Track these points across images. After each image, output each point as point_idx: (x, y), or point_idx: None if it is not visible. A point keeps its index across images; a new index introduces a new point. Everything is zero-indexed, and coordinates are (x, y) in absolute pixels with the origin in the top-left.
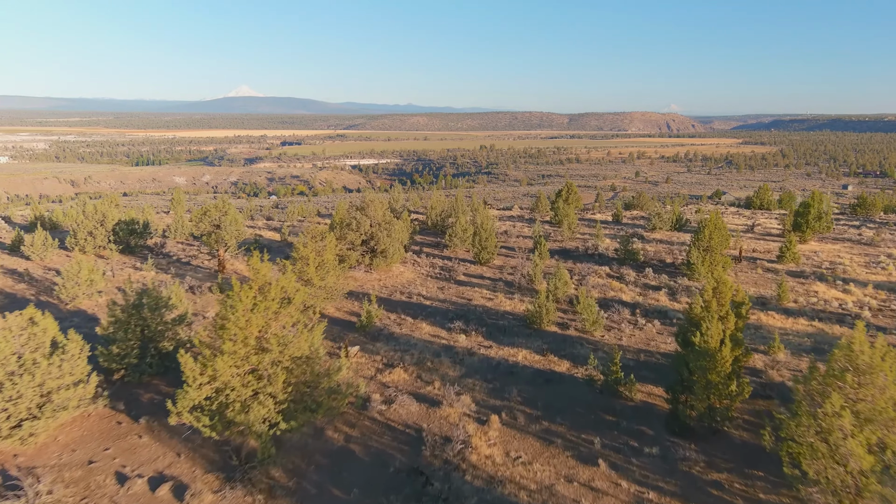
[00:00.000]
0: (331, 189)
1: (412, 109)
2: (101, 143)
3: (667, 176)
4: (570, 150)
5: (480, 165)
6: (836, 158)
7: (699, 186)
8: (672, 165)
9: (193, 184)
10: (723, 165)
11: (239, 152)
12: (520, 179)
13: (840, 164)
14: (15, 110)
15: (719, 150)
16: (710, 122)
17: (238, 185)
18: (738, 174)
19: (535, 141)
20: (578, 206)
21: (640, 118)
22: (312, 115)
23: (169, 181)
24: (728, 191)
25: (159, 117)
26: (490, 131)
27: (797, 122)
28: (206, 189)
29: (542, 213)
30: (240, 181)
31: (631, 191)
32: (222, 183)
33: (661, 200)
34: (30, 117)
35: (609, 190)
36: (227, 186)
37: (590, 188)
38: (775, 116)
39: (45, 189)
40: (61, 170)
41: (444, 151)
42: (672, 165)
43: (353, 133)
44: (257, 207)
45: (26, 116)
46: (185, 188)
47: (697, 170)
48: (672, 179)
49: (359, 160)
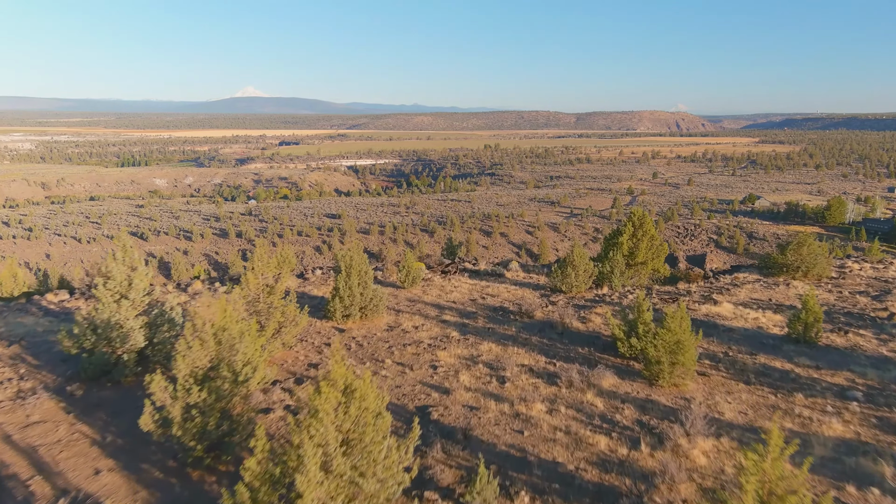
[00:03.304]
0: (318, 192)
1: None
2: (91, 144)
3: (688, 177)
4: (580, 150)
5: (484, 166)
6: (868, 158)
7: (726, 189)
8: (691, 166)
9: (175, 186)
10: (746, 166)
11: (232, 152)
12: (526, 181)
13: (875, 163)
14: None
15: (737, 149)
16: (719, 122)
17: (222, 187)
18: (767, 175)
19: (542, 140)
20: (659, 257)
21: (649, 117)
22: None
23: (148, 184)
24: (761, 194)
25: (161, 117)
26: (495, 131)
27: (811, 121)
28: (188, 192)
29: (559, 278)
30: (224, 183)
31: (650, 194)
32: (205, 185)
33: (717, 211)
34: (32, 118)
35: (626, 193)
36: (211, 189)
37: (604, 191)
38: (786, 115)
39: (11, 192)
40: (35, 171)
41: (446, 151)
42: (691, 166)
43: (355, 133)
44: (227, 214)
45: (29, 117)
46: (166, 191)
47: (720, 170)
48: (694, 181)
49: (355, 160)
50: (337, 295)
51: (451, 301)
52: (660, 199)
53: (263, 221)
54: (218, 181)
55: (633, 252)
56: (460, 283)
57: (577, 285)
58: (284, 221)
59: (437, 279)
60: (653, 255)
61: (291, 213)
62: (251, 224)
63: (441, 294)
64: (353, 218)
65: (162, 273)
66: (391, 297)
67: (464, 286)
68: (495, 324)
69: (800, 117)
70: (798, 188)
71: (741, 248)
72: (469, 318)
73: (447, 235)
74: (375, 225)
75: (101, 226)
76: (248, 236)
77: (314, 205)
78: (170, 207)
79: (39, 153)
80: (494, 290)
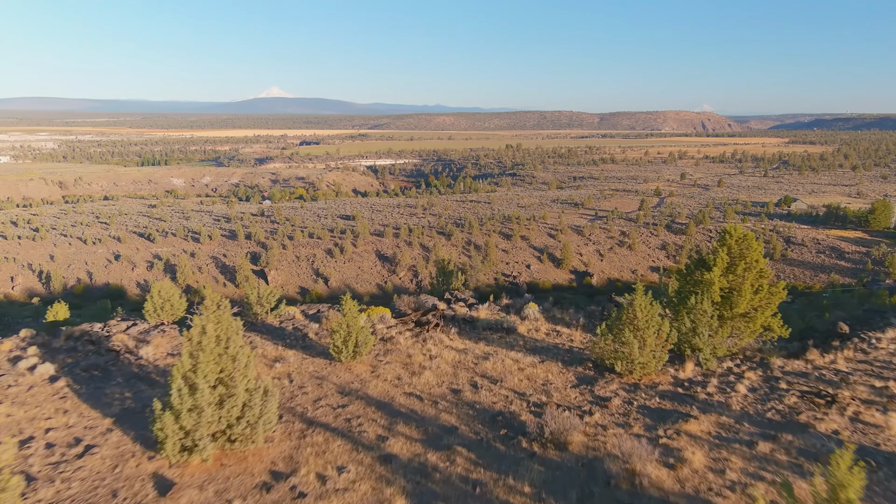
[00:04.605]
0: (334, 193)
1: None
2: (113, 143)
3: (718, 178)
4: (604, 150)
5: (505, 166)
6: None
7: (759, 191)
8: (720, 166)
9: (192, 185)
10: (778, 166)
11: (252, 152)
12: (548, 182)
13: None
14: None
15: (767, 149)
16: (746, 122)
17: (239, 187)
18: (801, 176)
19: (565, 140)
20: (771, 304)
21: (674, 117)
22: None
23: (165, 183)
24: (797, 197)
25: (185, 118)
26: (517, 131)
27: (841, 122)
28: (205, 191)
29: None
30: (241, 183)
31: (679, 195)
32: (222, 185)
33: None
34: (61, 118)
35: (654, 195)
36: (227, 189)
37: (630, 192)
38: (814, 116)
39: (29, 191)
40: (54, 170)
41: (467, 151)
42: (720, 166)
43: (376, 133)
44: (238, 215)
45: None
46: (183, 190)
47: (750, 171)
48: (725, 182)
49: (375, 160)
50: (168, 409)
51: (416, 393)
52: (689, 201)
53: (275, 223)
54: (235, 181)
55: (729, 297)
56: (441, 350)
57: (644, 362)
58: (296, 223)
59: (404, 340)
60: (763, 302)
61: (304, 213)
62: (262, 225)
63: (403, 375)
64: (367, 219)
65: (168, 276)
66: (311, 384)
67: (446, 355)
68: (489, 463)
69: (829, 117)
70: (835, 190)
71: (778, 253)
72: (440, 447)
73: (465, 238)
74: (390, 227)
75: (109, 226)
76: (258, 238)
77: (329, 205)
78: (182, 208)
79: (62, 152)
80: (496, 363)
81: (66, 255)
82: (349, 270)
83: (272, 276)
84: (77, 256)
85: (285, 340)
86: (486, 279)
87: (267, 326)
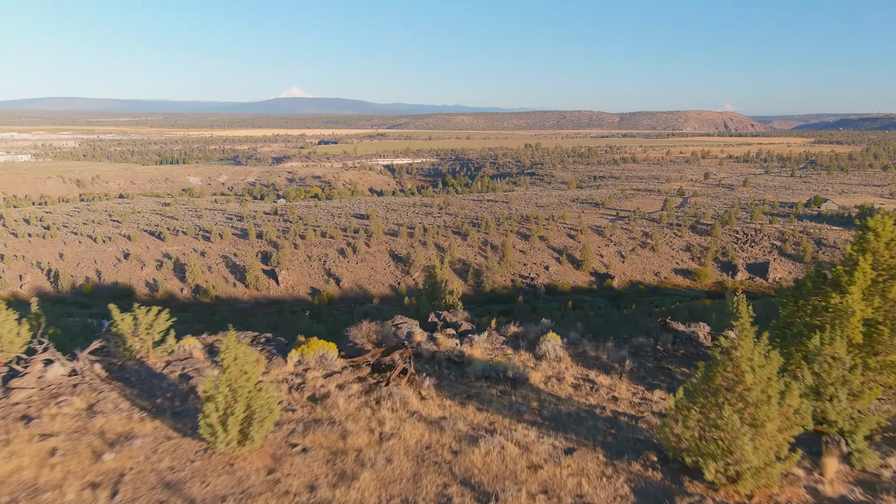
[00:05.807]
0: (350, 192)
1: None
2: (134, 142)
3: (743, 178)
4: (625, 149)
5: (523, 165)
6: None
7: (786, 191)
8: (744, 166)
9: (208, 184)
10: (805, 166)
11: (270, 151)
12: (568, 181)
13: None
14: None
15: (792, 149)
16: (769, 122)
17: (255, 185)
18: (829, 176)
19: (585, 140)
20: None
21: (695, 117)
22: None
23: (182, 181)
24: (827, 197)
25: (206, 117)
26: (536, 131)
27: (868, 121)
28: (222, 190)
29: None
30: (258, 181)
31: (703, 195)
32: (238, 184)
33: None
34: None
35: (677, 195)
36: (243, 187)
37: (652, 192)
38: (840, 116)
39: (46, 189)
40: (72, 168)
41: (485, 150)
42: (744, 166)
43: (394, 132)
44: (251, 213)
45: (81, 117)
46: (199, 189)
47: (776, 171)
48: (750, 182)
49: (392, 160)
50: None
51: None
52: (714, 202)
53: (288, 221)
54: (251, 180)
55: (873, 334)
56: (402, 423)
57: (759, 466)
58: (309, 222)
59: (344, 401)
60: None
61: (318, 212)
62: (274, 224)
63: (322, 483)
64: (381, 218)
65: (177, 275)
66: None
67: (409, 433)
68: None
69: (856, 117)
70: (867, 190)
71: (808, 256)
72: None
73: (481, 238)
74: (405, 226)
75: (120, 224)
76: (270, 237)
77: (343, 204)
78: (195, 206)
79: (82, 151)
80: (491, 453)
81: (75, 253)
82: (362, 271)
83: (283, 276)
84: (86, 255)
85: (154, 399)
86: (502, 280)
87: (141, 371)
